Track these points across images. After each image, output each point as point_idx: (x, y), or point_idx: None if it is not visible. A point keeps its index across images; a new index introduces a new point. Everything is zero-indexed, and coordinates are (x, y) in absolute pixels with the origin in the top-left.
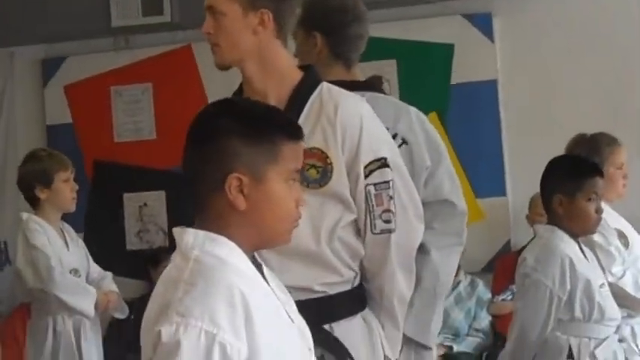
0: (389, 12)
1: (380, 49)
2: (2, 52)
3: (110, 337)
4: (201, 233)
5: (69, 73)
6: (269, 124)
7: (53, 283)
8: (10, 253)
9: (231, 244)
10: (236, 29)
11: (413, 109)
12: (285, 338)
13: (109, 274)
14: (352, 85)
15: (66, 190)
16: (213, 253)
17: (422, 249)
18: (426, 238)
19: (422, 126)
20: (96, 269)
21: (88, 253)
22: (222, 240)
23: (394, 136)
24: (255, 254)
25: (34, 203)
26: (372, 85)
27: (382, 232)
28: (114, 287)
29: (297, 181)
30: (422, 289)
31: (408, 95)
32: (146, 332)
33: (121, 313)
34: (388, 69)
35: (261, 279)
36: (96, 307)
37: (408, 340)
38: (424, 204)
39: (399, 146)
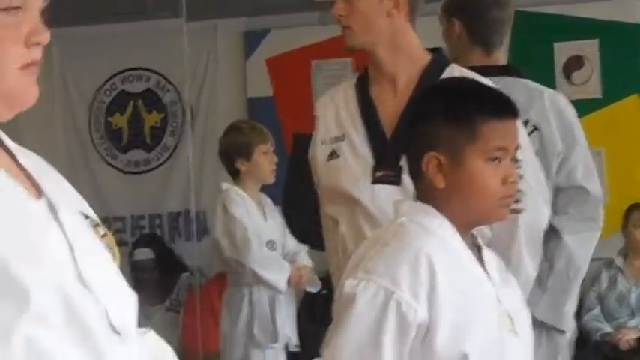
0: None
1: (582, 28)
2: (205, 25)
3: (304, 310)
4: (416, 205)
5: (271, 46)
6: (466, 103)
7: (249, 255)
8: (209, 224)
9: (442, 218)
10: (372, 12)
11: (548, 93)
12: (479, 318)
13: (304, 248)
14: (486, 70)
15: (265, 162)
16: (420, 222)
17: (556, 234)
18: (560, 223)
19: (556, 110)
20: (291, 242)
21: (285, 226)
22: (434, 212)
23: (525, 123)
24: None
25: (234, 175)
26: (509, 69)
27: (511, 211)
28: (307, 261)
29: (505, 159)
30: (555, 273)
31: (609, 76)
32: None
33: (314, 287)
34: (589, 49)
35: (471, 258)
36: (288, 281)
37: (538, 324)
38: (558, 190)
39: (530, 133)
